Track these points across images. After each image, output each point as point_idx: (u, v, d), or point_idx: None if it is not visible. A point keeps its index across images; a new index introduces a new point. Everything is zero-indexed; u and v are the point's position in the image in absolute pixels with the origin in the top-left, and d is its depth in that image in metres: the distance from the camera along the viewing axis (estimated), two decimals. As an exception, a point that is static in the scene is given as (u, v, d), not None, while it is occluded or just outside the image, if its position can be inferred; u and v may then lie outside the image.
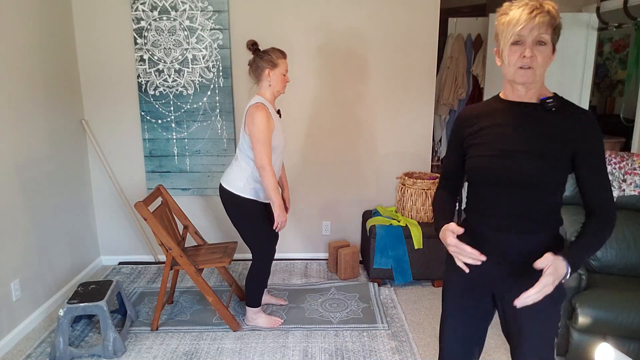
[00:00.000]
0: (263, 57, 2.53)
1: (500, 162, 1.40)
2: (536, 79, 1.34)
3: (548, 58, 1.33)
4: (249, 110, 2.49)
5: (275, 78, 2.54)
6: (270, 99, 2.57)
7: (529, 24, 1.29)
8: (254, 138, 2.45)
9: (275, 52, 2.55)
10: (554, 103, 1.36)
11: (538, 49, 1.31)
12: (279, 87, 2.57)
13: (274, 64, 2.53)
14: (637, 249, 2.54)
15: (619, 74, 5.23)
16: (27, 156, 2.81)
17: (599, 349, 1.89)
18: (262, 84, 2.56)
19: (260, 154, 2.45)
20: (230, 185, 2.59)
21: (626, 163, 2.65)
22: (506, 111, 1.43)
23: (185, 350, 2.56)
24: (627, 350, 2.21)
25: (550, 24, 1.29)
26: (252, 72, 2.59)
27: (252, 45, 2.57)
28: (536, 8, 1.29)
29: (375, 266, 3.26)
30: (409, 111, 3.54)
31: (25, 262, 2.79)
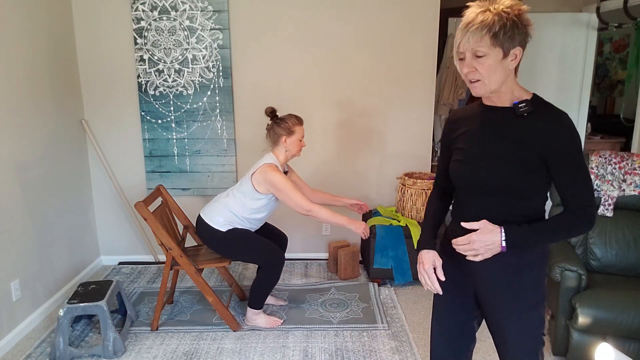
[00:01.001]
0: (280, 124, 2.64)
1: (469, 167, 1.42)
2: (490, 88, 1.33)
3: (493, 67, 1.29)
4: (261, 169, 2.59)
5: (291, 144, 2.67)
6: (282, 161, 2.70)
7: (463, 40, 1.30)
8: (283, 194, 2.56)
9: (292, 119, 2.65)
10: (525, 108, 1.33)
11: (478, 62, 1.30)
12: (295, 151, 2.70)
13: (291, 131, 2.64)
14: (637, 249, 2.54)
15: (619, 74, 5.23)
16: (27, 156, 2.81)
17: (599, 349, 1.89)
18: (279, 147, 2.68)
19: (298, 202, 2.55)
20: (210, 218, 2.67)
21: (626, 163, 2.65)
22: (482, 116, 1.44)
23: (185, 350, 2.56)
24: (627, 350, 2.21)
25: (487, 31, 1.25)
26: (270, 137, 2.70)
27: (270, 112, 2.68)
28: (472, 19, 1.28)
29: (375, 266, 3.26)
30: (409, 111, 3.54)
31: (25, 262, 2.79)
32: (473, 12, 1.29)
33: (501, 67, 1.30)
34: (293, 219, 3.70)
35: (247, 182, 2.64)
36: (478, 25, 1.26)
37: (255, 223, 2.73)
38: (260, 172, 2.58)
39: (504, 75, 1.32)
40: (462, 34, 1.30)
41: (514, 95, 1.37)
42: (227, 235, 2.64)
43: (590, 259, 2.61)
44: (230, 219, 2.64)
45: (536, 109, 1.34)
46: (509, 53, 1.29)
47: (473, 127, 1.44)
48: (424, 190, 3.26)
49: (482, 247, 1.34)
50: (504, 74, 1.31)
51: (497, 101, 1.39)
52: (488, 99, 1.42)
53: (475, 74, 1.32)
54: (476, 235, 1.35)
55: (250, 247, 2.66)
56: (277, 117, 2.68)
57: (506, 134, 1.36)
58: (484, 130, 1.41)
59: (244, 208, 2.64)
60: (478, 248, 1.35)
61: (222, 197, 2.72)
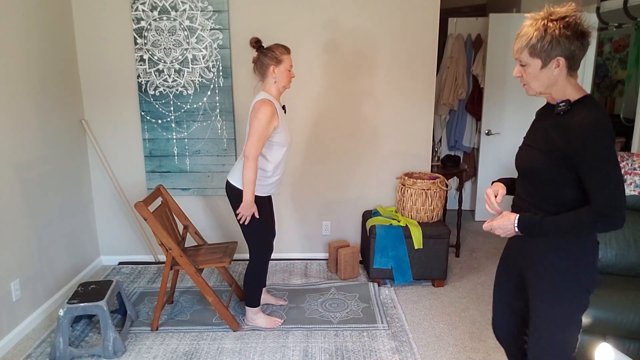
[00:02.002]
0: (267, 54, 2.53)
1: (519, 154, 1.67)
2: (535, 91, 1.53)
3: (536, 73, 1.48)
4: (254, 106, 2.49)
5: (280, 74, 2.54)
6: (275, 94, 2.58)
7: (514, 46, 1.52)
8: (252, 129, 2.45)
9: (279, 48, 2.55)
10: (562, 107, 1.47)
11: (522, 69, 1.52)
12: (284, 82, 2.58)
13: (279, 60, 2.53)
14: (637, 249, 2.54)
15: (619, 74, 5.23)
16: (27, 156, 2.81)
17: (599, 349, 1.90)
18: (267, 80, 2.56)
19: (252, 145, 2.44)
20: (235, 180, 2.59)
21: (626, 163, 2.65)
22: (542, 112, 1.64)
23: (185, 350, 2.56)
24: (627, 350, 2.21)
25: (525, 45, 1.45)
26: (257, 70, 2.59)
27: (255, 42, 2.57)
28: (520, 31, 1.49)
29: (375, 266, 3.26)
30: (409, 111, 3.54)
31: (25, 262, 2.79)
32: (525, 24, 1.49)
33: (543, 74, 1.47)
34: (293, 219, 3.71)
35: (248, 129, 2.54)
36: (522, 37, 1.47)
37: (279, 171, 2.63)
38: (254, 110, 2.48)
39: (548, 81, 1.48)
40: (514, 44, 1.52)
41: (565, 94, 1.50)
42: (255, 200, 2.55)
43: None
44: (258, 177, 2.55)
45: (573, 109, 1.46)
46: (548, 63, 1.45)
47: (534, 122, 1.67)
48: (424, 190, 3.26)
49: (501, 233, 1.62)
50: (547, 80, 1.48)
51: (550, 100, 1.57)
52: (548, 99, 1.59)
53: (521, 79, 1.54)
54: (497, 222, 1.62)
55: (258, 224, 2.60)
56: (263, 47, 2.57)
57: (544, 129, 1.54)
58: (534, 124, 1.65)
59: (262, 159, 2.55)
60: (499, 234, 1.62)
61: (240, 159, 2.63)
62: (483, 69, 4.53)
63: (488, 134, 4.51)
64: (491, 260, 3.81)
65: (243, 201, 2.51)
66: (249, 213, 2.53)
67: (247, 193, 2.49)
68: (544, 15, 1.44)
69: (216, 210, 3.67)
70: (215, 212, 3.67)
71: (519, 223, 1.55)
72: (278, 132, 2.52)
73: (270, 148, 2.55)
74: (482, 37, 4.61)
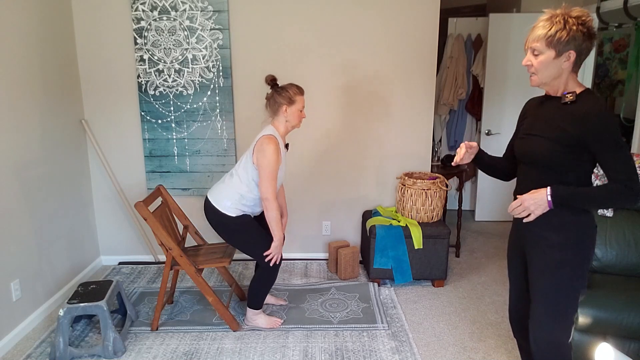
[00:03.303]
0: (281, 93, 2.58)
1: (522, 143, 1.74)
2: (542, 81, 1.61)
3: (546, 65, 1.57)
4: (260, 140, 2.53)
5: (291, 114, 2.60)
6: (283, 133, 2.64)
7: (528, 38, 1.60)
8: (262, 170, 2.51)
9: (293, 88, 2.60)
10: (570, 97, 1.58)
11: (533, 57, 1.59)
12: (295, 122, 2.64)
13: (292, 101, 2.58)
14: (637, 249, 2.54)
15: (619, 74, 5.23)
16: (27, 156, 2.81)
17: (599, 349, 1.90)
18: (279, 118, 2.62)
19: (266, 186, 2.51)
20: (218, 202, 2.62)
21: (626, 163, 2.65)
22: (542, 104, 1.73)
23: (185, 350, 2.56)
24: (627, 350, 2.21)
25: (544, 36, 1.54)
26: (270, 107, 2.64)
27: (271, 80, 2.62)
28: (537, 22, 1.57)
29: (375, 266, 3.26)
30: (409, 111, 3.54)
31: (25, 262, 2.79)
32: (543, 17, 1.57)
33: (553, 65, 1.57)
34: (293, 219, 3.70)
35: (248, 158, 2.59)
36: (539, 28, 1.55)
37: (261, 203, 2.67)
38: (259, 145, 2.52)
39: (556, 72, 1.58)
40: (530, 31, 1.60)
41: (567, 87, 1.62)
42: (235, 221, 2.61)
43: (590, 259, 2.61)
44: (237, 202, 2.60)
45: (580, 99, 1.57)
46: (562, 55, 1.54)
47: (533, 112, 1.75)
48: (424, 190, 3.26)
49: (532, 205, 1.62)
50: (556, 71, 1.58)
51: (551, 92, 1.66)
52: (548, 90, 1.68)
53: (530, 68, 1.61)
54: (527, 195, 1.63)
55: (255, 240, 2.63)
56: (277, 86, 2.61)
57: (551, 117, 1.63)
58: (537, 114, 1.72)
59: (249, 188, 2.59)
60: (529, 206, 1.62)
61: (227, 178, 2.67)
62: (483, 69, 4.53)
63: (488, 134, 4.51)
64: (491, 260, 3.81)
65: (274, 240, 2.58)
66: (280, 251, 2.61)
67: (275, 233, 2.57)
68: (562, 12, 1.54)
69: (216, 210, 3.66)
70: (215, 212, 3.67)
71: (553, 193, 1.59)
72: None
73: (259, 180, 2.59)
74: (482, 37, 4.61)
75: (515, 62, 4.37)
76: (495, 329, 2.79)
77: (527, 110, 1.83)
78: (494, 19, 4.30)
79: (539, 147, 1.64)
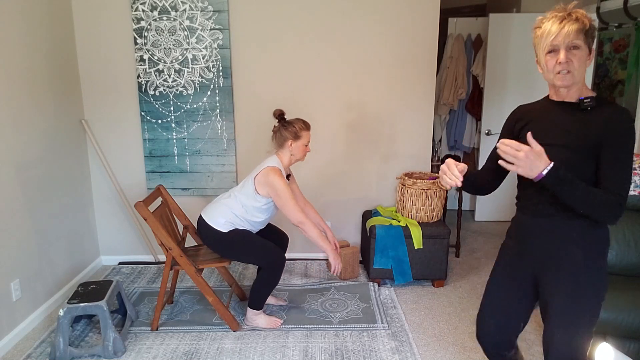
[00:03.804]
0: (287, 127, 2.64)
1: None
2: (575, 80, 1.49)
3: (584, 60, 1.48)
4: (264, 171, 2.59)
5: (296, 148, 2.68)
6: (286, 165, 2.70)
7: (560, 33, 1.46)
8: (280, 200, 2.57)
9: (299, 123, 2.66)
10: (590, 102, 1.49)
11: (572, 53, 1.46)
12: (299, 156, 2.71)
13: (297, 136, 2.65)
14: (637, 249, 2.54)
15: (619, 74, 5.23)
16: (27, 156, 2.81)
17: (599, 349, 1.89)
18: (284, 151, 2.69)
19: (292, 212, 2.58)
20: (212, 220, 2.65)
21: (626, 163, 2.65)
22: (551, 110, 1.59)
23: (185, 350, 2.56)
24: (627, 350, 2.21)
25: (580, 29, 1.44)
26: (276, 139, 2.71)
27: (279, 115, 2.69)
28: (564, 18, 1.46)
29: (375, 266, 3.26)
30: (409, 111, 3.54)
31: (25, 262, 2.79)
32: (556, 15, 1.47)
33: (585, 62, 1.49)
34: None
35: (249, 184, 2.64)
36: (575, 22, 1.45)
37: (256, 225, 2.73)
38: (263, 175, 2.59)
39: (584, 71, 1.49)
40: (558, 28, 1.45)
41: (582, 92, 1.54)
42: (228, 236, 2.64)
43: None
44: (231, 219, 2.64)
45: (600, 104, 1.50)
46: (590, 52, 1.49)
47: (541, 118, 1.60)
48: (424, 191, 3.26)
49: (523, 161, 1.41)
50: (584, 69, 1.49)
51: (566, 97, 1.55)
52: (557, 95, 1.57)
53: (569, 65, 1.47)
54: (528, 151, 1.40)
55: (251, 248, 2.66)
56: (284, 120, 2.68)
57: (571, 125, 1.52)
58: (551, 121, 1.57)
59: (245, 210, 2.65)
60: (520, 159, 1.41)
61: (224, 198, 2.72)
62: (483, 69, 4.53)
63: (488, 134, 4.51)
64: (491, 260, 3.81)
65: (329, 253, 2.63)
66: (340, 260, 2.67)
67: (325, 248, 2.62)
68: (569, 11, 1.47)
69: (216, 210, 3.66)
70: (215, 212, 3.67)
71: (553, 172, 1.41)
72: (273, 202, 2.65)
73: (256, 208, 2.65)
74: (482, 37, 4.61)
75: (515, 62, 4.37)
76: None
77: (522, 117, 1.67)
78: (494, 19, 4.30)
79: (561, 157, 1.47)
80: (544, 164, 1.41)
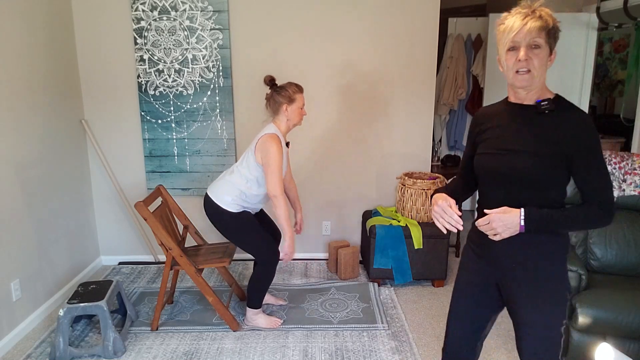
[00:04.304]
0: (280, 92, 2.60)
1: (497, 160, 1.51)
2: (535, 81, 1.42)
3: (545, 60, 1.40)
4: (262, 138, 2.55)
5: (292, 112, 2.63)
6: (284, 131, 2.66)
7: (522, 30, 1.39)
8: (268, 168, 2.53)
9: (292, 86, 2.62)
10: (547, 105, 1.43)
11: (533, 52, 1.39)
12: (296, 120, 2.66)
13: (292, 99, 2.61)
14: (637, 249, 2.54)
15: (619, 74, 5.23)
16: (27, 156, 2.81)
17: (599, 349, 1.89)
18: (279, 117, 2.65)
19: (273, 183, 2.53)
20: (218, 197, 2.63)
21: (626, 163, 2.65)
22: (508, 113, 1.53)
23: (185, 350, 2.56)
24: (627, 350, 2.21)
25: (543, 27, 1.37)
26: (270, 107, 2.67)
27: (270, 81, 2.65)
28: (528, 15, 1.39)
29: (375, 266, 3.26)
30: (409, 111, 3.54)
31: (25, 262, 2.79)
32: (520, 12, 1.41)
33: (545, 64, 1.42)
34: (293, 219, 3.70)
35: (250, 155, 2.61)
36: (537, 20, 1.38)
37: (262, 200, 2.69)
38: (262, 142, 2.55)
39: (544, 72, 1.43)
40: (520, 24, 1.39)
41: (542, 94, 1.47)
42: (234, 217, 2.62)
43: (590, 259, 2.61)
44: (237, 197, 2.61)
45: (559, 108, 1.43)
46: (551, 53, 1.42)
47: (499, 123, 1.54)
48: (424, 190, 3.26)
49: (500, 226, 1.43)
50: (544, 70, 1.43)
51: (525, 98, 1.48)
52: (515, 97, 1.51)
53: (529, 63, 1.40)
54: (496, 215, 1.44)
55: (254, 237, 2.64)
56: (276, 86, 2.63)
57: (531, 130, 1.45)
58: (510, 125, 1.51)
59: (249, 183, 2.61)
60: (496, 227, 1.43)
61: (227, 175, 2.69)
62: (483, 69, 4.53)
63: (488, 134, 4.50)
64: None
65: (287, 239, 2.59)
66: (293, 249, 2.63)
67: (286, 230, 2.58)
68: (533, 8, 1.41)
69: (216, 210, 3.66)
70: (215, 212, 3.67)
71: (527, 216, 1.40)
72: None
73: (260, 173, 2.61)
74: (482, 37, 4.61)
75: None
76: (494, 329, 2.79)
77: (483, 120, 1.61)
78: (494, 19, 4.30)
79: (523, 164, 1.44)
80: (517, 216, 1.41)
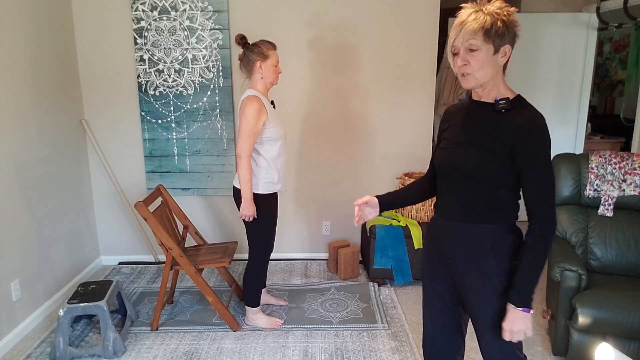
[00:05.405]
0: (253, 49, 2.52)
1: (446, 154, 1.56)
2: (479, 82, 1.43)
3: (486, 61, 1.40)
4: (242, 103, 2.49)
5: (267, 69, 2.53)
6: (262, 91, 2.56)
7: (459, 36, 1.41)
8: (240, 126, 2.45)
9: (265, 43, 2.54)
10: (504, 104, 1.44)
11: (470, 55, 1.40)
12: (272, 78, 2.57)
13: (265, 56, 2.52)
14: (637, 249, 2.54)
15: (619, 74, 5.23)
16: (27, 156, 2.81)
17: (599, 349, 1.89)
18: (254, 76, 2.56)
19: (242, 143, 2.44)
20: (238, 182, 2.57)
21: (626, 163, 2.65)
22: (467, 110, 1.56)
23: (185, 350, 2.56)
24: (627, 350, 2.21)
25: (480, 28, 1.37)
26: (244, 66, 2.58)
27: (241, 39, 2.55)
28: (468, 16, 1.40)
29: (375, 266, 3.26)
30: (409, 111, 3.54)
31: (25, 262, 2.79)
32: (466, 12, 1.41)
33: (491, 62, 1.41)
34: (293, 219, 3.70)
35: None
36: (472, 22, 1.38)
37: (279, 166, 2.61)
38: (241, 107, 2.48)
39: (494, 70, 1.42)
40: (457, 30, 1.41)
41: (499, 92, 1.47)
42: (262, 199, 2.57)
43: (590, 259, 2.61)
44: (257, 175, 2.55)
45: (515, 107, 1.44)
46: (499, 50, 1.40)
47: (459, 119, 1.57)
48: (424, 190, 3.26)
49: (521, 328, 1.43)
50: (493, 69, 1.42)
51: (484, 96, 1.49)
52: (476, 95, 1.52)
53: (467, 67, 1.42)
54: (509, 327, 1.44)
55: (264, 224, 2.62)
56: (249, 44, 2.55)
57: (484, 126, 1.47)
58: (466, 121, 1.53)
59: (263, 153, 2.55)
60: (520, 330, 1.43)
61: None
62: (483, 69, 4.52)
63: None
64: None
65: (242, 201, 2.51)
66: (251, 212, 2.53)
67: (245, 192, 2.50)
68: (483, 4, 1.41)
69: (216, 210, 3.67)
70: (215, 212, 3.67)
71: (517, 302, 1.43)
72: (269, 127, 2.51)
73: (263, 144, 2.54)
74: (482, 37, 4.60)
75: (515, 62, 4.36)
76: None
77: (448, 118, 1.63)
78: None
79: (470, 157, 1.46)
80: (516, 314, 1.42)
